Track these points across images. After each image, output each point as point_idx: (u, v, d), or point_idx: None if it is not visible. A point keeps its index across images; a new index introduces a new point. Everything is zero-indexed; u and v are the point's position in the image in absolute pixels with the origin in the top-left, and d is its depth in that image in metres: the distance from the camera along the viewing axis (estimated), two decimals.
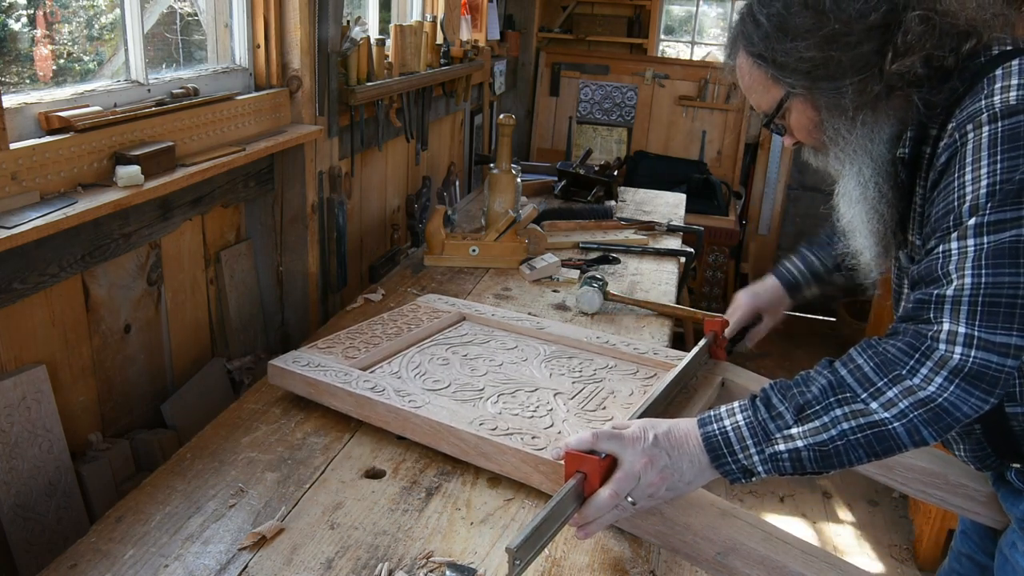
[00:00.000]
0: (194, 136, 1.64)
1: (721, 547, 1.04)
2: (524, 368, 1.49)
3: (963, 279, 0.92)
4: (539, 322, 1.70)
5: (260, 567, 1.02)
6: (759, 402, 1.00)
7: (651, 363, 1.53)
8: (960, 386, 0.91)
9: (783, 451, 0.96)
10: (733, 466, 0.99)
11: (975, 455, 1.19)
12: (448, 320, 1.70)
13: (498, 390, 1.39)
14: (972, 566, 1.37)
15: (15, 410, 1.27)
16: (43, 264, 1.32)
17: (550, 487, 1.15)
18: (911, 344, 0.94)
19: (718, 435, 0.99)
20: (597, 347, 1.60)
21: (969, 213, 0.93)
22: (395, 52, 2.52)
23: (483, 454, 1.21)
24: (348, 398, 1.34)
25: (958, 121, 0.97)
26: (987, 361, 0.90)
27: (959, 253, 0.93)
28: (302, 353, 1.47)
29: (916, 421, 0.92)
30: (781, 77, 1.07)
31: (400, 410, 1.28)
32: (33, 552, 1.28)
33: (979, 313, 0.91)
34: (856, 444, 0.94)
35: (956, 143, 0.97)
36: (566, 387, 1.42)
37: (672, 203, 3.13)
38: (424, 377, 1.42)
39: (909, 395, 0.92)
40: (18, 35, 1.41)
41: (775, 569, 1.01)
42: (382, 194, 2.71)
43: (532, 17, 4.74)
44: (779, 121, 1.15)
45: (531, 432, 1.21)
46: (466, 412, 1.27)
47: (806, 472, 0.98)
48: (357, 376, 1.38)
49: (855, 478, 3.35)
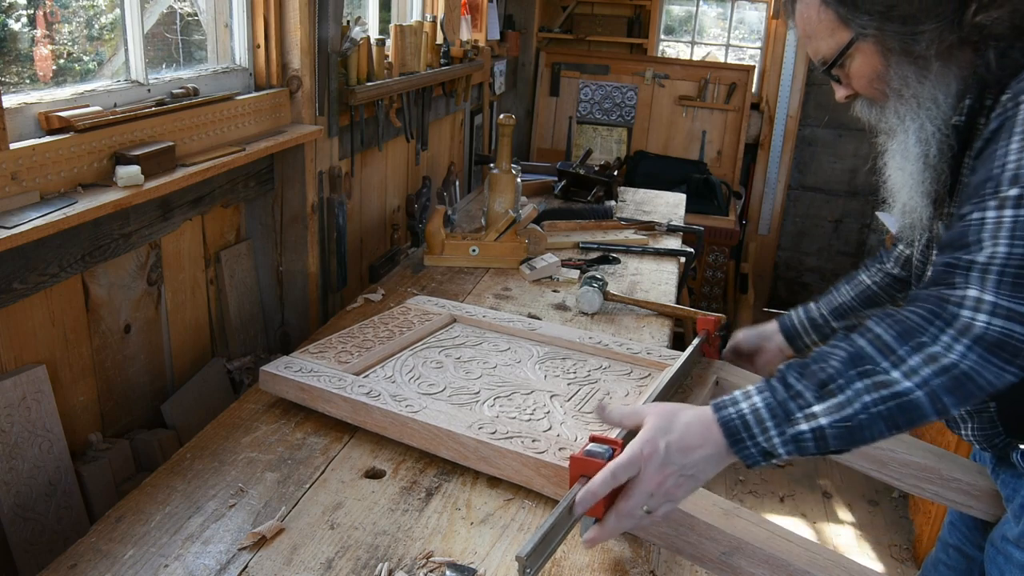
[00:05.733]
0: (194, 136, 1.64)
1: (726, 547, 1.04)
2: (518, 370, 1.49)
3: (996, 247, 0.90)
4: (531, 323, 1.70)
5: (260, 567, 1.02)
6: (776, 382, 0.96)
7: (645, 363, 1.53)
8: (981, 354, 0.89)
9: (806, 430, 0.93)
10: (753, 449, 0.95)
11: (983, 434, 1.17)
12: (439, 322, 1.69)
13: (494, 393, 1.38)
14: (960, 557, 1.37)
15: (15, 410, 1.27)
16: (43, 264, 1.32)
17: (552, 490, 1.15)
18: (933, 311, 0.91)
19: (736, 418, 0.95)
20: (591, 348, 1.59)
21: (1010, 182, 0.91)
22: (395, 52, 2.52)
23: (483, 458, 1.20)
24: (343, 404, 1.33)
25: (1013, 91, 0.95)
26: (1010, 331, 0.88)
27: (995, 222, 0.91)
28: (294, 358, 1.46)
29: (937, 389, 0.89)
30: (852, 17, 1.03)
31: (397, 415, 1.27)
32: (33, 552, 1.28)
33: (1008, 283, 0.89)
34: (878, 416, 0.91)
35: (1007, 112, 0.95)
36: (562, 389, 1.42)
37: (672, 203, 3.13)
38: (419, 381, 1.41)
39: (932, 362, 0.90)
40: (18, 35, 1.41)
41: (780, 568, 1.01)
42: (382, 194, 2.71)
43: (532, 17, 4.74)
44: (837, 71, 1.11)
45: (531, 435, 1.21)
46: (464, 416, 1.27)
47: (828, 451, 0.95)
48: (352, 381, 1.37)
49: (855, 478, 3.35)
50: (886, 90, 1.07)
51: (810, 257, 5.03)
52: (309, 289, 2.10)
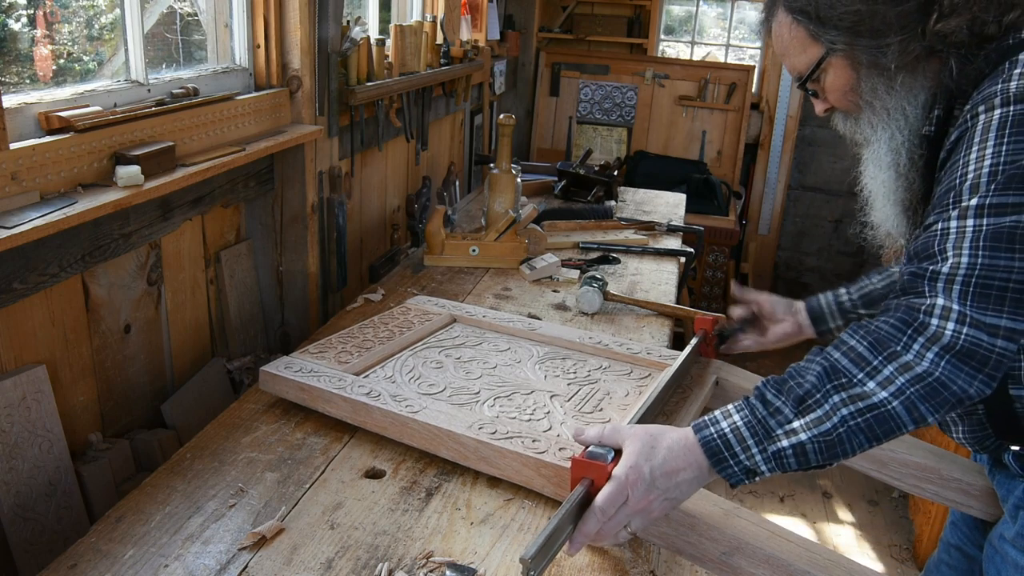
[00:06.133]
0: (194, 136, 1.64)
1: (726, 547, 1.04)
2: (518, 370, 1.49)
3: (959, 258, 0.92)
4: (531, 323, 1.70)
5: (260, 567, 1.02)
6: (755, 400, 0.98)
7: (644, 363, 1.53)
8: (951, 362, 0.90)
9: (786, 447, 0.94)
10: (735, 467, 0.97)
11: (974, 436, 1.18)
12: (439, 322, 1.68)
13: (494, 393, 1.38)
14: (961, 557, 1.37)
15: (15, 410, 1.27)
16: (43, 264, 1.32)
17: (553, 491, 1.15)
18: (903, 320, 0.93)
19: (716, 439, 0.98)
20: (590, 348, 1.59)
21: (970, 192, 0.93)
22: (395, 52, 2.52)
23: (483, 458, 1.20)
24: (343, 404, 1.32)
25: (973, 102, 0.97)
26: (978, 340, 0.90)
27: (957, 232, 0.93)
28: (294, 359, 1.45)
29: (913, 397, 0.91)
30: (822, 33, 1.07)
31: (397, 415, 1.27)
32: (33, 552, 1.28)
33: (972, 294, 0.91)
34: (857, 430, 0.92)
35: (967, 123, 0.97)
36: (562, 389, 1.41)
37: (672, 203, 3.13)
38: (419, 381, 1.41)
39: (906, 371, 0.91)
40: (18, 35, 1.41)
41: (780, 567, 1.02)
42: (382, 194, 2.71)
43: (532, 17, 4.74)
44: (812, 85, 1.15)
45: (531, 435, 1.21)
46: (464, 416, 1.27)
47: (810, 467, 0.96)
48: (352, 381, 1.36)
49: (855, 478, 3.35)
50: (859, 102, 1.10)
51: (810, 257, 5.03)
52: (309, 289, 2.10)
